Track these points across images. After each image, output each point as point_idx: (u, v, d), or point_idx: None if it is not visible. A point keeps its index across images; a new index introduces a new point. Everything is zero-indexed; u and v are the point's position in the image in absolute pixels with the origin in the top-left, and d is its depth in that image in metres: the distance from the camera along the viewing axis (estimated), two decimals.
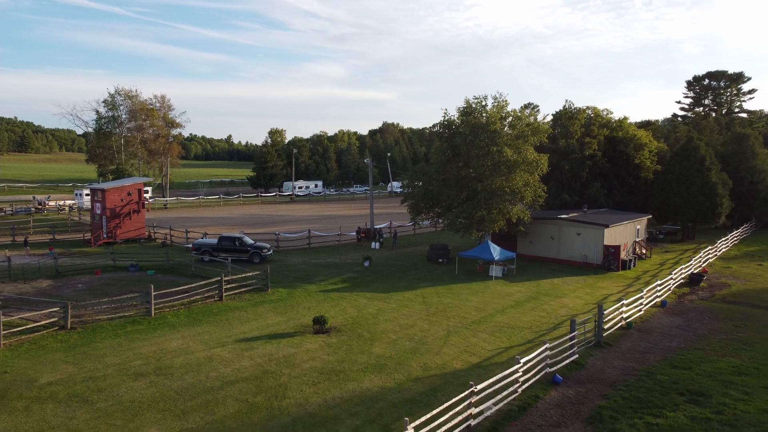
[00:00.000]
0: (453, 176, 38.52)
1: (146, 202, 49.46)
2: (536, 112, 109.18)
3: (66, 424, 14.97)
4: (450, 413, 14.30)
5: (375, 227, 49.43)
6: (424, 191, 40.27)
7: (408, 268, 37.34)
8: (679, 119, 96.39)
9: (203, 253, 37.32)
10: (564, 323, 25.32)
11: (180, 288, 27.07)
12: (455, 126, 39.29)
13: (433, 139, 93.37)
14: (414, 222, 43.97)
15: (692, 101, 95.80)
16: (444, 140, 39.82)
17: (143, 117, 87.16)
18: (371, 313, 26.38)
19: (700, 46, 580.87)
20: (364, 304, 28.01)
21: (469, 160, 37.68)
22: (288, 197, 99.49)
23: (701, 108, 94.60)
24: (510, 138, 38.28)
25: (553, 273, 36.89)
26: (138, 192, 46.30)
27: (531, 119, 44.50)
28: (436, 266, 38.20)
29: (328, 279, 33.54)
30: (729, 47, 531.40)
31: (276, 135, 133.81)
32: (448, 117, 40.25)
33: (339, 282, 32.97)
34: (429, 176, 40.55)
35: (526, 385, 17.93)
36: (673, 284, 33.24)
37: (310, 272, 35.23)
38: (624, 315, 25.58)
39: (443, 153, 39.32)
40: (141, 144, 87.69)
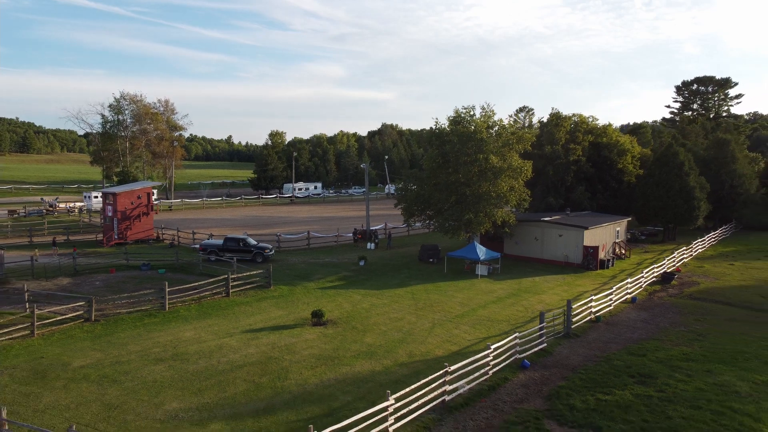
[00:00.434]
0: (443, 181, 41.18)
1: (154, 205, 52.01)
2: (531, 115, 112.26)
3: (100, 399, 17.60)
4: (426, 389, 16.97)
5: (371, 229, 52.08)
6: (417, 195, 43.01)
7: (400, 267, 39.98)
8: (664, 125, 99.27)
9: (210, 253, 39.92)
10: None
11: (190, 285, 29.70)
12: (445, 134, 42.00)
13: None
14: (407, 224, 46.67)
15: (681, 105, 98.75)
16: (435, 147, 42.53)
17: (148, 121, 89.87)
18: (364, 308, 29.03)
19: (700, 47, 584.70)
20: (358, 300, 30.66)
21: (458, 167, 40.37)
22: (288, 199, 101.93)
23: (690, 112, 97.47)
24: (496, 146, 40.96)
25: (536, 272, 39.55)
26: (147, 195, 48.91)
27: (519, 126, 47.18)
28: (427, 265, 40.87)
29: (326, 277, 36.17)
30: (729, 47, 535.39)
31: (276, 137, 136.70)
32: (439, 126, 43.08)
33: (336, 280, 35.59)
34: (421, 181, 43.32)
35: (497, 369, 20.60)
36: (645, 282, 35.88)
37: (309, 271, 37.86)
38: (593, 309, 28.24)
39: (434, 159, 42.08)
40: (145, 147, 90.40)
